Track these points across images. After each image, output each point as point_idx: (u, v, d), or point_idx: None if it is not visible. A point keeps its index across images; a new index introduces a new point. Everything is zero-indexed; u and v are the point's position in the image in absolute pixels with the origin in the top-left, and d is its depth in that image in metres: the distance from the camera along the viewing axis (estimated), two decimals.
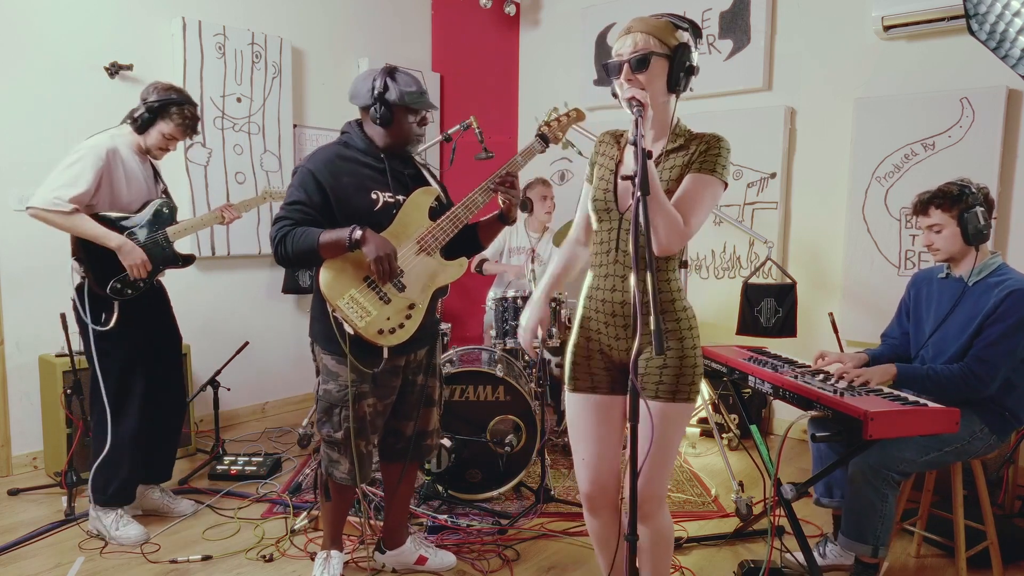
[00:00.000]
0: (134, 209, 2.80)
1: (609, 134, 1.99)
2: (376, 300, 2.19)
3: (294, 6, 4.55)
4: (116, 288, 2.72)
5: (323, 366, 2.32)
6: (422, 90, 2.29)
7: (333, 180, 2.21)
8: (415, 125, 2.32)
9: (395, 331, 2.21)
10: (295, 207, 2.19)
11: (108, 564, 2.63)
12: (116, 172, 2.72)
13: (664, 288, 1.82)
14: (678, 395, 1.80)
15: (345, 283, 2.16)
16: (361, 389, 2.27)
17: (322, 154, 2.28)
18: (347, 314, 2.14)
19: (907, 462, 2.31)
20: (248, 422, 4.43)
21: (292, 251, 2.14)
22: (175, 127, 2.80)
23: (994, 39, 1.11)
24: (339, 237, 2.11)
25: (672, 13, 1.80)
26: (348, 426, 2.26)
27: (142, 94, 2.82)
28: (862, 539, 2.34)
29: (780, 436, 3.63)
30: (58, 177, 2.62)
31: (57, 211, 2.58)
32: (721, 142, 1.80)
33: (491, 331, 3.86)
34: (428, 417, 2.49)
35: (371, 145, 2.31)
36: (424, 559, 2.59)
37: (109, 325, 2.73)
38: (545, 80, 5.45)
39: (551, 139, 2.53)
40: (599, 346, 1.90)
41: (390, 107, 2.25)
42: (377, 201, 2.26)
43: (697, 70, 1.79)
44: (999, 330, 2.28)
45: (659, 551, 1.93)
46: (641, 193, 1.48)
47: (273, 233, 2.18)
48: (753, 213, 4.38)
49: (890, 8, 3.67)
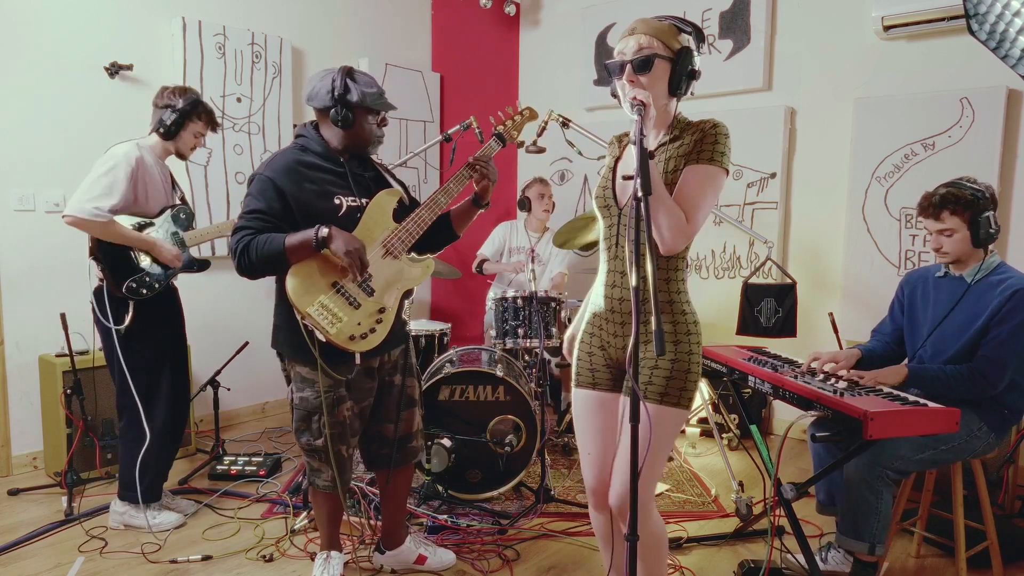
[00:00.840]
0: (153, 215, 2.85)
1: (616, 137, 2.00)
2: (346, 305, 2.15)
3: (294, 6, 4.55)
4: (132, 288, 2.76)
5: (296, 374, 2.28)
6: (381, 90, 2.26)
7: (294, 187, 2.16)
8: (376, 126, 2.29)
9: (366, 336, 2.17)
10: (255, 216, 2.13)
11: (108, 564, 2.63)
12: (142, 181, 2.78)
13: (663, 288, 1.81)
14: (666, 398, 1.76)
15: (313, 290, 2.11)
16: (339, 394, 2.25)
17: (280, 160, 2.21)
18: (317, 321, 2.09)
19: (903, 460, 2.31)
20: (248, 422, 4.43)
21: (257, 258, 2.08)
22: (203, 123, 2.91)
23: (994, 39, 1.11)
24: (305, 237, 2.08)
25: (676, 16, 1.80)
26: (327, 432, 2.24)
27: (161, 102, 2.86)
28: (859, 537, 2.34)
29: (780, 436, 3.63)
30: (94, 186, 2.66)
31: (96, 219, 2.63)
32: (717, 128, 1.78)
33: (491, 331, 3.86)
34: (411, 419, 2.48)
35: (329, 149, 2.28)
36: (424, 558, 2.59)
37: (124, 324, 2.77)
38: (545, 80, 5.45)
39: (507, 138, 2.54)
40: (600, 342, 1.91)
41: (352, 108, 2.22)
42: (341, 206, 2.22)
43: (699, 74, 1.78)
44: (1007, 329, 2.28)
45: (652, 553, 1.90)
46: (643, 193, 1.48)
47: (234, 243, 2.11)
48: (753, 213, 4.38)
49: (890, 8, 3.67)
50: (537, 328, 3.49)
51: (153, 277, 2.81)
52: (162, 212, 2.87)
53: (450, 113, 5.46)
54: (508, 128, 2.55)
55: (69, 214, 2.63)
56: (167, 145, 2.89)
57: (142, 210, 2.80)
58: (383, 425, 2.44)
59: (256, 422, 4.44)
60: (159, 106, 2.85)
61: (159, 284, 2.83)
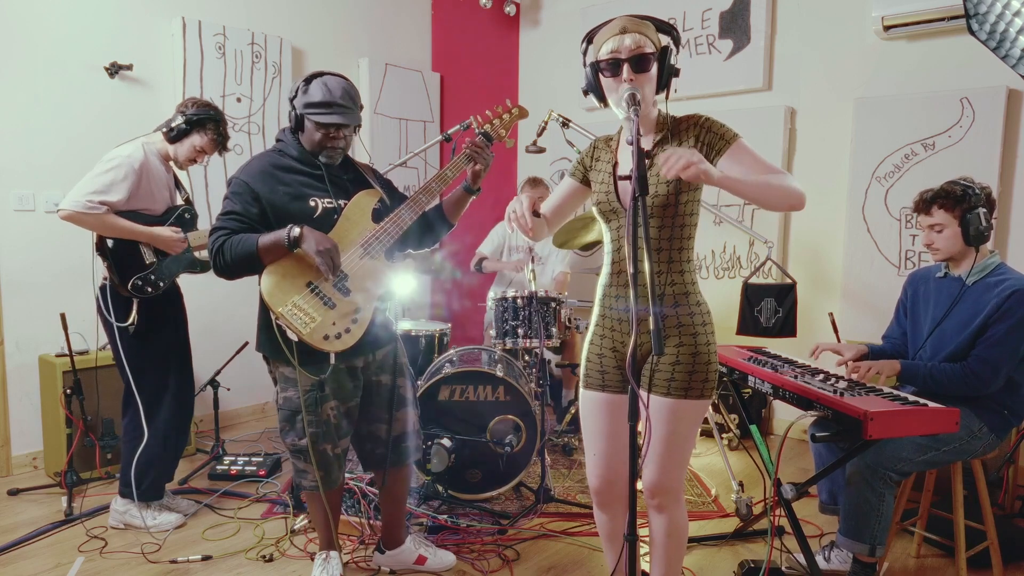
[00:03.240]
0: (158, 214, 2.84)
1: (601, 140, 2.01)
2: (320, 306, 2.16)
3: (294, 6, 4.55)
4: (137, 285, 2.76)
5: (279, 375, 2.30)
6: (330, 102, 2.20)
7: (268, 190, 2.18)
8: (323, 137, 2.24)
9: (341, 336, 2.17)
10: (230, 217, 2.16)
11: (108, 564, 2.63)
12: (145, 181, 2.78)
13: (677, 280, 1.83)
14: (691, 392, 1.81)
15: (287, 290, 2.12)
16: (320, 392, 2.26)
17: (256, 163, 2.24)
18: (290, 321, 2.09)
19: (905, 461, 2.31)
20: (248, 422, 4.43)
21: (231, 258, 2.10)
22: (208, 141, 2.87)
23: (994, 39, 1.11)
24: (277, 237, 2.10)
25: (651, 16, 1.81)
26: (311, 431, 2.24)
27: (179, 107, 2.86)
28: (860, 538, 2.34)
29: (780, 436, 3.63)
30: (92, 182, 2.66)
31: (91, 213, 2.62)
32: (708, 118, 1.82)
33: (491, 331, 3.86)
34: (404, 419, 2.47)
35: (305, 151, 2.29)
36: (424, 559, 2.59)
37: (128, 322, 2.77)
38: (545, 80, 5.45)
39: (495, 137, 2.55)
40: (611, 344, 1.92)
41: (298, 114, 2.24)
42: (316, 208, 2.23)
43: (679, 72, 1.81)
44: (1002, 330, 2.28)
45: (672, 544, 1.95)
46: (640, 193, 1.49)
47: (210, 244, 2.14)
48: (753, 213, 4.38)
49: (890, 8, 3.67)
50: (537, 328, 3.48)
51: (159, 275, 2.80)
52: (168, 212, 2.87)
53: (450, 113, 5.46)
54: (496, 127, 2.56)
55: (64, 208, 2.63)
56: (168, 148, 2.88)
57: (146, 210, 2.80)
58: (374, 425, 2.44)
59: (256, 422, 4.44)
60: (177, 110, 2.87)
61: (164, 283, 2.83)
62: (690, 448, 1.90)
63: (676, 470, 1.87)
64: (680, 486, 1.92)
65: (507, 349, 3.65)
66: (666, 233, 1.81)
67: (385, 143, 5.06)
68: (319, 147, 2.27)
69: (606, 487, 1.97)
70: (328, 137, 2.25)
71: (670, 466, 1.86)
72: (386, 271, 2.31)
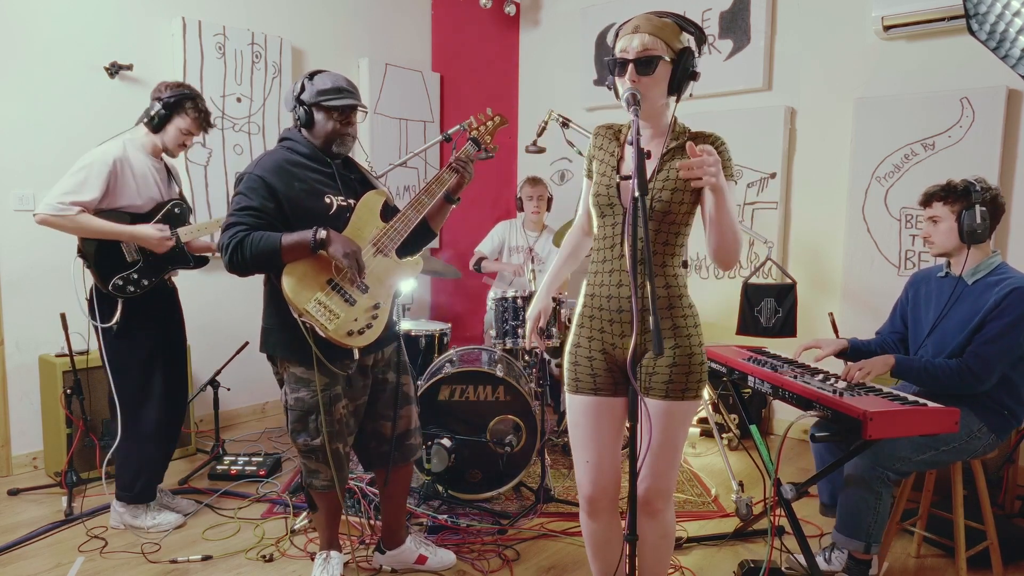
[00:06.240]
0: (145, 211, 2.81)
1: (606, 127, 1.97)
2: (342, 302, 2.17)
3: (294, 6, 4.55)
4: (118, 285, 2.74)
5: (290, 375, 2.29)
6: (339, 87, 2.26)
7: (284, 186, 2.18)
8: (337, 123, 2.28)
9: (363, 332, 2.20)
10: (247, 212, 2.13)
11: (108, 564, 2.63)
12: (124, 178, 2.75)
13: (672, 283, 1.83)
14: (687, 393, 1.81)
15: (310, 288, 2.13)
16: (335, 392, 2.26)
17: (269, 159, 2.23)
18: (316, 318, 2.11)
19: (903, 460, 2.31)
20: (248, 422, 4.43)
21: (251, 255, 2.08)
22: (191, 121, 2.84)
23: (994, 39, 1.11)
24: (302, 238, 2.10)
25: (678, 14, 1.78)
26: (325, 431, 2.24)
27: (153, 93, 2.84)
28: (855, 535, 2.35)
29: (780, 436, 3.63)
30: (64, 183, 2.65)
31: (62, 215, 2.61)
32: (723, 144, 1.80)
33: (491, 331, 3.86)
34: (408, 416, 2.49)
35: (316, 149, 2.30)
36: (424, 558, 2.59)
37: (112, 322, 2.75)
38: (545, 80, 5.45)
39: (482, 143, 2.59)
40: (602, 346, 1.88)
41: (307, 107, 2.25)
42: (331, 205, 2.25)
43: (699, 76, 1.78)
44: (998, 327, 2.29)
45: (663, 547, 1.94)
46: (640, 193, 1.49)
47: (226, 240, 2.10)
48: (753, 213, 4.38)
49: (890, 8, 3.67)
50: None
51: (142, 273, 2.77)
52: (156, 208, 2.84)
53: (450, 113, 5.46)
54: (482, 133, 2.61)
55: (37, 212, 2.63)
56: (155, 140, 2.84)
57: (130, 207, 2.77)
58: (379, 423, 2.44)
59: (256, 422, 4.44)
60: (152, 97, 2.83)
61: (148, 281, 2.80)
62: (682, 449, 1.90)
63: (673, 472, 1.88)
64: (674, 489, 1.92)
65: (507, 349, 3.65)
66: (662, 237, 1.80)
67: (385, 143, 5.06)
68: (334, 135, 2.28)
69: (600, 494, 1.93)
70: (344, 122, 2.28)
71: (668, 468, 1.85)
72: (397, 268, 2.34)
